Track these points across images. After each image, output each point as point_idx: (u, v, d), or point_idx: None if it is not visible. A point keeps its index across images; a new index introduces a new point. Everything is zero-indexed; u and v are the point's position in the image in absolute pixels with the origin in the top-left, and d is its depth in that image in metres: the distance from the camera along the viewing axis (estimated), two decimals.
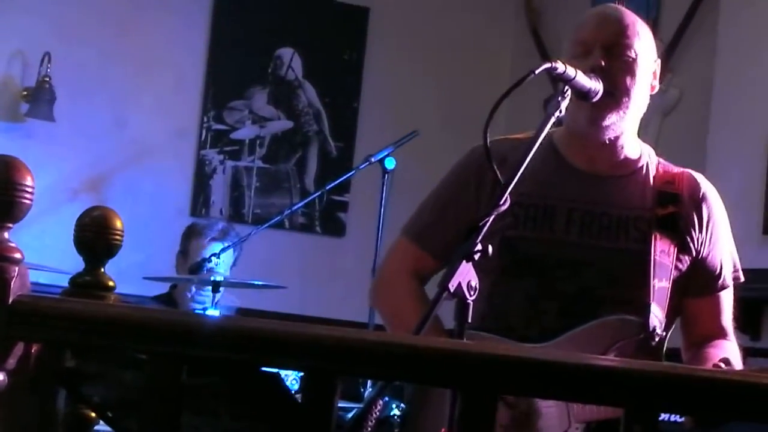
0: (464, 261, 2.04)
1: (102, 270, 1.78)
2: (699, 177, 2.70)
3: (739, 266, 2.72)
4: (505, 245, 2.55)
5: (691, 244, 2.62)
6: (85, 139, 5.95)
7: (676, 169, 2.69)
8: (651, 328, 2.50)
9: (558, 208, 2.59)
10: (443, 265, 2.46)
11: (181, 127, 6.20)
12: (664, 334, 2.56)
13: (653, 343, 2.52)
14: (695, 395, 1.43)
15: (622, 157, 2.64)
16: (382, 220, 4.75)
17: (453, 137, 5.68)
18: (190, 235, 4.93)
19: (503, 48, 6.66)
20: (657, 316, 2.52)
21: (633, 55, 2.56)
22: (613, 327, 2.50)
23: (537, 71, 2.28)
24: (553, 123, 2.34)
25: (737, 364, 2.57)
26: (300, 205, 5.59)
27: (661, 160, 2.71)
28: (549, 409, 2.44)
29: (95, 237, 1.75)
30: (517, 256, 2.57)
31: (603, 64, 2.50)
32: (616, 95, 2.52)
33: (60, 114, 5.78)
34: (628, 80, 2.55)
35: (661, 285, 2.55)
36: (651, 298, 2.52)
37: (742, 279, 2.72)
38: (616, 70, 2.53)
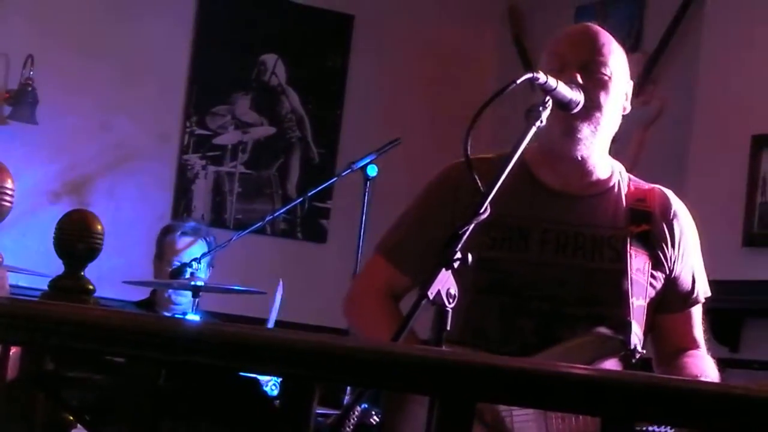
0: (443, 269, 2.05)
1: (81, 273, 1.78)
2: (669, 193, 2.72)
3: (706, 281, 2.74)
4: (481, 266, 2.54)
5: (665, 261, 2.64)
6: (68, 142, 5.94)
7: (647, 186, 2.71)
8: (632, 346, 2.51)
9: (532, 229, 2.60)
10: (417, 283, 2.46)
11: (163, 132, 6.20)
12: (644, 351, 2.57)
13: (633, 361, 2.53)
14: (671, 405, 1.43)
15: (593, 176, 2.65)
16: (364, 227, 4.75)
17: (435, 145, 5.71)
18: (163, 234, 4.94)
19: (486, 56, 6.68)
20: (637, 334, 2.54)
21: (608, 74, 2.57)
22: (594, 344, 2.51)
23: (518, 81, 2.29)
24: (531, 138, 2.35)
25: (715, 374, 2.59)
26: (282, 211, 5.58)
27: (632, 177, 2.72)
28: (526, 424, 2.44)
29: (75, 240, 1.75)
30: (493, 276, 2.57)
31: (579, 79, 2.51)
32: (589, 108, 2.53)
33: (43, 117, 5.76)
34: (602, 96, 2.56)
35: (638, 303, 2.57)
36: (631, 316, 2.54)
37: (709, 294, 2.75)
38: (591, 85, 2.53)
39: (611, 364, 2.52)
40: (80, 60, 5.96)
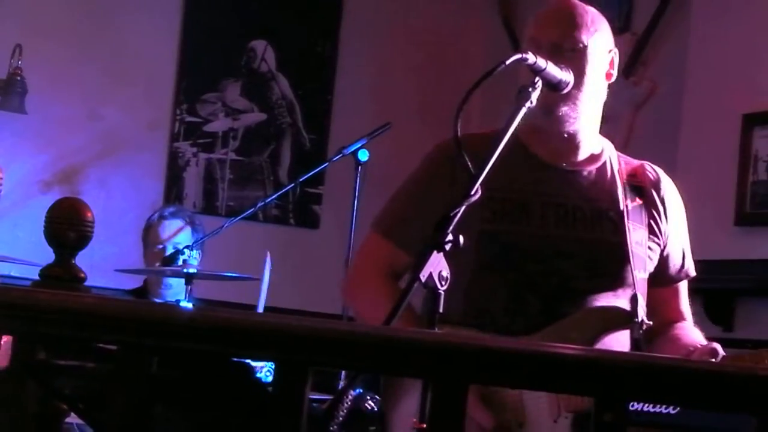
0: (435, 251, 2.04)
1: (72, 261, 1.77)
2: (658, 170, 2.75)
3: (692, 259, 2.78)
4: (483, 239, 2.54)
5: (659, 235, 2.67)
6: (58, 131, 5.92)
7: (636, 162, 2.74)
8: (639, 318, 2.52)
9: (531, 202, 2.60)
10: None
11: (153, 120, 6.18)
12: (651, 323, 2.57)
13: (641, 332, 2.54)
14: (664, 383, 1.43)
15: (585, 150, 2.66)
16: (356, 211, 4.75)
17: (426, 129, 5.69)
18: (147, 223, 4.96)
19: (476, 39, 6.67)
20: (642, 306, 2.55)
21: (580, 48, 2.57)
22: (600, 317, 2.52)
23: (507, 62, 2.29)
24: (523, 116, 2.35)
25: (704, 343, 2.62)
26: (274, 197, 5.57)
27: (620, 153, 2.74)
28: (538, 399, 2.44)
29: (65, 228, 1.74)
30: (495, 250, 2.57)
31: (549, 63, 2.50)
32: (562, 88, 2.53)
33: (32, 106, 5.74)
34: (576, 73, 2.54)
35: (640, 276, 2.59)
36: (635, 288, 2.55)
37: (695, 273, 2.78)
38: (564, 64, 2.53)
39: (618, 337, 2.53)
40: (69, 49, 5.94)
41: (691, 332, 2.66)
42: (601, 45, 2.62)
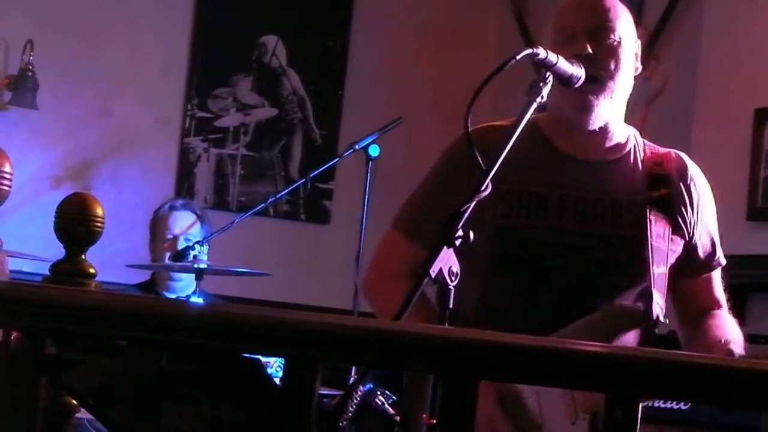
0: (445, 246, 2.03)
1: (82, 257, 1.77)
2: (685, 157, 2.71)
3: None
4: (499, 233, 2.52)
5: (684, 226, 2.62)
6: (69, 127, 5.93)
7: (663, 150, 2.69)
8: (654, 317, 2.49)
9: (550, 196, 2.57)
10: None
11: (165, 115, 6.18)
12: (667, 321, 2.55)
13: (657, 331, 2.51)
14: (677, 380, 1.43)
15: (611, 142, 2.63)
16: (367, 207, 4.74)
17: (437, 124, 5.68)
18: (156, 215, 4.99)
19: (488, 34, 6.65)
20: (659, 304, 2.51)
21: (617, 39, 2.56)
22: (615, 318, 2.49)
23: (518, 57, 2.28)
24: (536, 108, 2.33)
25: (738, 334, 2.59)
26: (284, 192, 5.57)
27: (647, 141, 2.71)
28: (555, 402, 2.42)
29: (75, 224, 1.74)
30: (512, 244, 2.54)
31: (590, 50, 2.49)
32: (601, 80, 2.52)
33: (43, 102, 5.75)
34: (613, 64, 2.54)
35: (659, 271, 2.54)
36: (652, 285, 2.52)
37: (725, 261, 2.74)
38: (601, 55, 2.52)
39: (633, 337, 2.50)
40: (80, 44, 5.94)
41: (722, 322, 2.61)
42: (631, 36, 2.60)
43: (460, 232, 2.06)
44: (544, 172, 2.59)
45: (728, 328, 2.59)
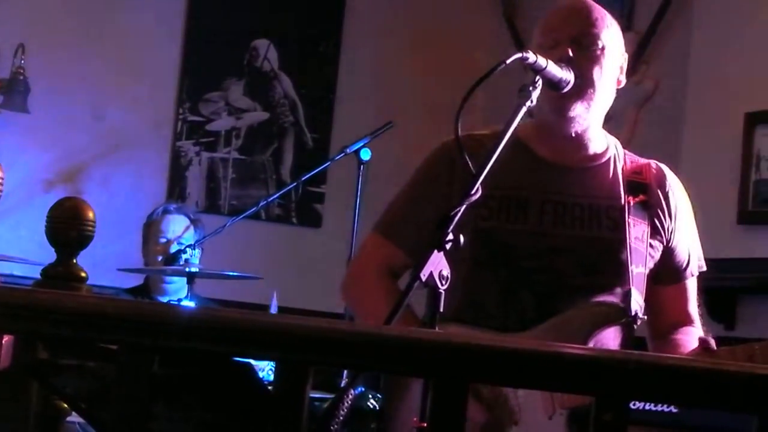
0: (435, 250, 2.05)
1: (74, 261, 1.77)
2: (664, 168, 2.74)
3: (701, 255, 2.75)
4: (479, 236, 2.55)
5: (662, 231, 2.66)
6: (60, 130, 5.92)
7: (642, 161, 2.73)
8: (633, 313, 2.51)
9: (531, 200, 2.60)
10: (415, 260, 2.47)
11: (156, 119, 6.18)
12: (645, 317, 2.57)
13: (636, 327, 2.54)
14: (665, 383, 1.43)
15: (589, 149, 2.66)
16: (358, 210, 4.75)
17: (428, 128, 5.67)
18: (149, 218, 4.99)
19: (479, 38, 6.66)
20: (637, 301, 2.55)
21: (600, 47, 2.57)
22: (594, 313, 2.52)
23: (508, 61, 2.29)
24: (524, 115, 2.35)
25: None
26: (276, 196, 5.58)
27: (627, 152, 2.74)
28: (532, 396, 2.44)
29: (66, 228, 1.74)
30: (491, 247, 2.58)
31: (571, 54, 2.51)
32: (581, 86, 2.53)
33: (34, 105, 5.75)
34: (595, 71, 2.56)
35: (638, 270, 2.58)
36: (630, 283, 2.54)
37: (704, 268, 2.76)
38: (583, 61, 2.54)
39: (612, 332, 2.53)
40: (71, 48, 5.94)
41: (692, 338, 2.62)
42: (617, 48, 2.62)
43: (450, 236, 2.08)
44: (524, 176, 2.62)
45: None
